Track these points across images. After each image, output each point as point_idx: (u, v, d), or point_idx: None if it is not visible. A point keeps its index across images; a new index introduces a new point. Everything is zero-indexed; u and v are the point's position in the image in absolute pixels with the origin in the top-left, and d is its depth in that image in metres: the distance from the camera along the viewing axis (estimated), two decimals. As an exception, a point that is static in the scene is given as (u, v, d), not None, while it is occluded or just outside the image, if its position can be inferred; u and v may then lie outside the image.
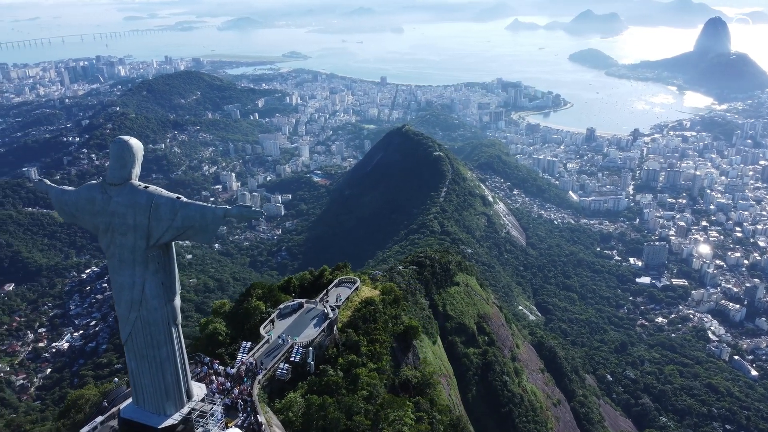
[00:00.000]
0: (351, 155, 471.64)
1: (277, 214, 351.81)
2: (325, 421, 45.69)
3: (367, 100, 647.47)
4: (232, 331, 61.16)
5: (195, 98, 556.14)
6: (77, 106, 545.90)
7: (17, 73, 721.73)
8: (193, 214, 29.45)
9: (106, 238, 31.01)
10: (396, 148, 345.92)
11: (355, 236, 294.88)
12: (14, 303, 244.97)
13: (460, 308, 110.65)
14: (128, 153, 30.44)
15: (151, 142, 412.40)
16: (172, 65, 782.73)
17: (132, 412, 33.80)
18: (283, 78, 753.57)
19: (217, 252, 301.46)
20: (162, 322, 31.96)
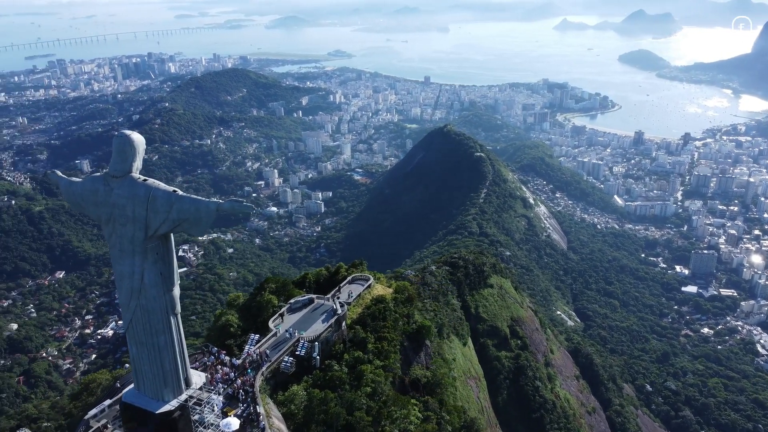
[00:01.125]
0: (392, 154, 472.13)
1: (317, 211, 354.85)
2: (326, 415, 46.14)
3: (410, 100, 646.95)
4: (244, 324, 62.40)
5: (241, 95, 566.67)
6: (128, 102, 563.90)
7: (73, 68, 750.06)
8: (188, 207, 30.47)
9: (108, 228, 32.20)
10: (437, 148, 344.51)
11: (393, 235, 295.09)
12: (64, 290, 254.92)
13: (493, 311, 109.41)
14: (129, 147, 31.72)
15: (198, 137, 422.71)
16: (220, 63, 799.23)
17: (133, 396, 34.96)
18: (327, 76, 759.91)
19: (258, 247, 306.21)
20: (160, 311, 32.89)
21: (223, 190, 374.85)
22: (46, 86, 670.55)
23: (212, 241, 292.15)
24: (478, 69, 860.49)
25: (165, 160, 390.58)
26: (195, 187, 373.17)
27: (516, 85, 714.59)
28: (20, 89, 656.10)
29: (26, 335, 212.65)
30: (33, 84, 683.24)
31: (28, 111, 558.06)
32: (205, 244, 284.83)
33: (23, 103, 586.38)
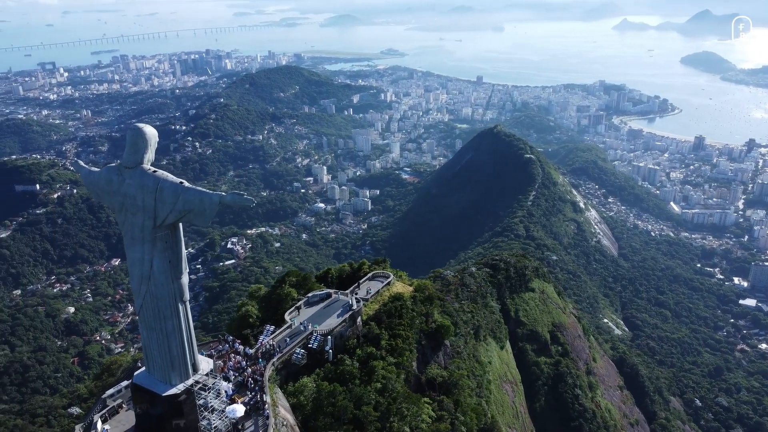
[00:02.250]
0: (441, 154, 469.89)
1: (364, 208, 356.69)
2: (334, 407, 46.74)
3: (461, 99, 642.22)
4: (263, 315, 63.68)
5: (293, 92, 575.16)
6: (186, 97, 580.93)
7: (135, 64, 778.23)
8: (193, 198, 31.77)
9: (121, 217, 33.72)
10: (486, 149, 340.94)
11: (439, 235, 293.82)
12: (119, 277, 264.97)
13: (534, 315, 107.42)
14: (141, 139, 33.02)
15: (250, 133, 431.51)
16: (274, 60, 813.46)
17: (143, 378, 36.44)
18: (379, 75, 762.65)
19: (304, 242, 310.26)
20: (168, 297, 34.27)
21: (272, 185, 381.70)
22: (110, 80, 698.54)
23: (260, 235, 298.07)
24: (532, 69, 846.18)
25: (218, 154, 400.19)
26: (246, 181, 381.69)
27: (571, 86, 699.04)
28: (86, 83, 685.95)
29: (82, 318, 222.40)
30: (97, 78, 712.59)
31: (92, 104, 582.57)
32: (253, 238, 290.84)
33: (88, 97, 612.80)
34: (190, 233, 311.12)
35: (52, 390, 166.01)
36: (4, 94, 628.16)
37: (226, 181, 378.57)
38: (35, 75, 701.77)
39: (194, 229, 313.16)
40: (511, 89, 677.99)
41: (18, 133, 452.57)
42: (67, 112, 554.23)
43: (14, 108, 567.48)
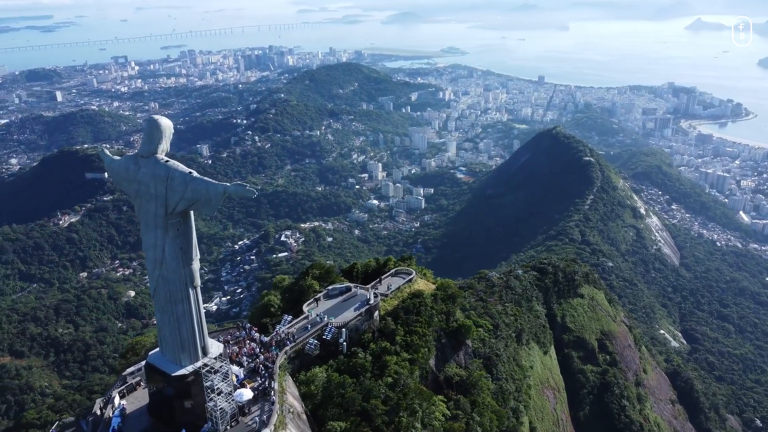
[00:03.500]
0: (498, 154, 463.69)
1: (418, 207, 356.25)
2: (343, 398, 47.54)
3: (521, 99, 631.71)
4: (284, 305, 65.02)
5: (352, 89, 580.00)
6: (248, 92, 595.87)
7: (202, 59, 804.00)
8: (200, 188, 33.38)
9: (137, 203, 35.66)
10: (544, 150, 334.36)
11: (491, 236, 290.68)
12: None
13: (582, 322, 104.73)
14: (156, 130, 34.82)
15: (308, 128, 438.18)
16: (335, 57, 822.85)
17: (156, 358, 38.43)
18: (438, 73, 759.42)
19: (356, 238, 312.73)
20: (179, 282, 36.01)
21: (328, 180, 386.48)
22: (177, 74, 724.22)
23: (313, 229, 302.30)
24: (596, 70, 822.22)
25: (276, 148, 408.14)
26: (302, 176, 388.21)
27: (637, 87, 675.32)
28: (155, 77, 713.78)
29: (141, 302, 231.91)
30: (166, 72, 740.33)
31: (159, 97, 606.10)
32: (307, 232, 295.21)
33: (156, 90, 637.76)
34: (247, 225, 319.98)
35: (110, 369, 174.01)
36: (80, 85, 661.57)
37: (282, 175, 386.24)
38: (108, 68, 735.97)
39: (251, 221, 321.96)
40: (573, 90, 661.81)
41: (90, 123, 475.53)
42: (136, 104, 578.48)
43: (88, 99, 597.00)
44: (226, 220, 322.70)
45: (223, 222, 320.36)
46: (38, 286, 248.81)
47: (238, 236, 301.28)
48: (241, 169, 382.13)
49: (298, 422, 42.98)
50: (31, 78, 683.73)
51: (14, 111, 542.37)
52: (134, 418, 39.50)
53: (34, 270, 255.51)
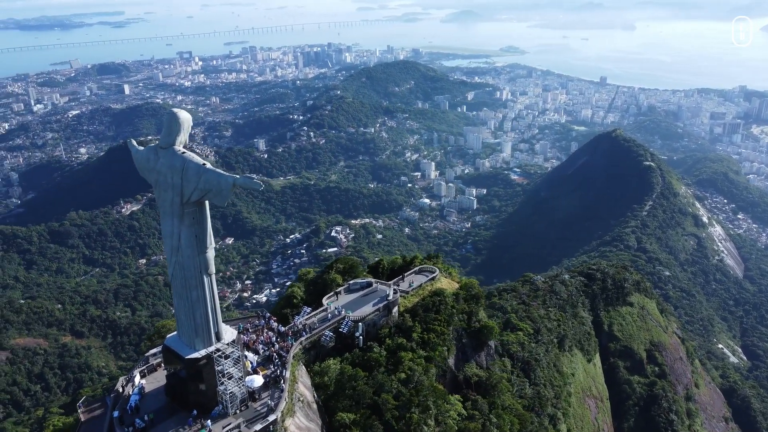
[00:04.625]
0: (554, 156, 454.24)
1: (469, 207, 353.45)
2: (354, 391, 48.18)
3: (581, 100, 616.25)
4: (307, 297, 65.98)
5: (408, 87, 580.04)
6: (305, 88, 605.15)
7: (262, 55, 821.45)
8: (212, 179, 34.65)
9: (156, 192, 37.35)
10: (602, 153, 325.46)
11: (543, 239, 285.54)
12: (230, 255, 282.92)
13: (630, 331, 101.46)
14: (175, 123, 36.33)
15: (363, 125, 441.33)
16: (392, 54, 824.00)
17: (173, 341, 40.19)
18: (496, 72, 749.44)
19: (406, 236, 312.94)
20: (194, 269, 37.53)
21: (380, 177, 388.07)
22: (238, 70, 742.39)
23: (363, 226, 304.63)
24: (662, 71, 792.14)
25: (330, 144, 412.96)
26: (354, 172, 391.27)
27: (705, 90, 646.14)
28: (217, 72, 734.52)
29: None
30: (227, 68, 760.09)
31: (220, 92, 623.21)
32: (357, 228, 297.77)
33: (217, 85, 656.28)
34: (299, 219, 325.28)
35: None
36: (146, 79, 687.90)
37: (335, 171, 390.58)
38: (174, 63, 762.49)
39: (303, 216, 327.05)
40: (637, 92, 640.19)
41: (155, 116, 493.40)
42: (199, 99, 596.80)
43: (153, 93, 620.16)
44: (279, 213, 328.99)
45: (276, 215, 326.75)
46: (100, 270, 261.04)
47: (290, 230, 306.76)
48: (296, 164, 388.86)
49: (307, 411, 43.88)
50: (102, 71, 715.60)
51: (85, 103, 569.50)
52: (152, 397, 41.48)
53: (97, 255, 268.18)
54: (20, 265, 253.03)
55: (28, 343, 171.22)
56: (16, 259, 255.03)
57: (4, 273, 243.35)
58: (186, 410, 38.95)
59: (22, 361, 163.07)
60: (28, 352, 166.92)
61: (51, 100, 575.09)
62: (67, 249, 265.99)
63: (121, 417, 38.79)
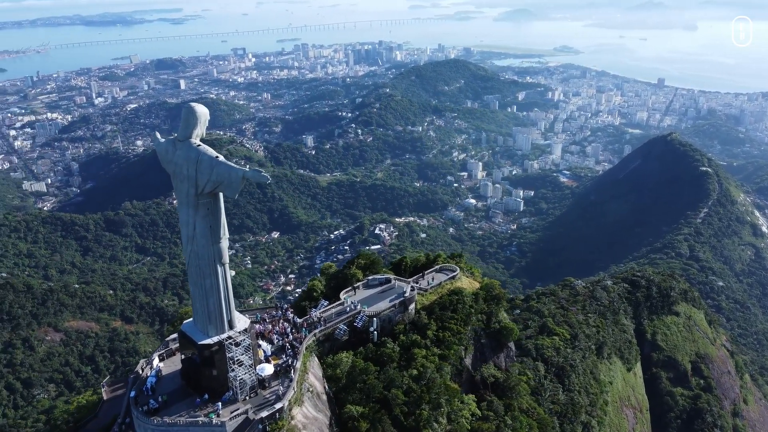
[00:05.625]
0: (606, 159, 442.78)
1: (516, 208, 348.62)
2: (364, 384, 48.64)
3: (636, 102, 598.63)
4: (327, 291, 66.44)
5: (458, 86, 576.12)
6: (355, 85, 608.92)
7: (314, 52, 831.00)
8: (223, 171, 35.98)
9: (174, 183, 38.70)
10: (656, 157, 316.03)
11: (591, 244, 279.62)
12: (276, 249, 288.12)
13: (675, 341, 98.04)
14: (192, 117, 37.86)
15: (410, 123, 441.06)
16: (443, 53, 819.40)
17: (188, 327, 41.97)
18: (549, 72, 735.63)
19: (450, 236, 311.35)
20: (208, 258, 39.01)
21: (426, 176, 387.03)
22: (290, 67, 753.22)
23: (408, 224, 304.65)
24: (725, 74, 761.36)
25: (378, 142, 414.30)
26: (401, 170, 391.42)
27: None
28: (269, 68, 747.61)
29: (240, 282, 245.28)
30: (279, 65, 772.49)
31: (272, 88, 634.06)
32: (401, 226, 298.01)
33: (269, 81, 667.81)
34: (344, 215, 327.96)
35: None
36: (201, 75, 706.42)
37: (382, 168, 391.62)
38: (228, 59, 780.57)
39: (348, 212, 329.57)
40: (696, 94, 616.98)
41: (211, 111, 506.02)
42: (251, 95, 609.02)
43: (208, 88, 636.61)
44: (324, 209, 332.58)
45: (322, 211, 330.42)
46: (151, 259, 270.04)
47: (334, 226, 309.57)
48: (342, 161, 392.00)
49: (316, 401, 44.54)
50: (160, 67, 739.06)
51: (143, 96, 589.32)
52: (168, 380, 43.17)
53: (149, 244, 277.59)
54: (77, 252, 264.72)
55: (81, 326, 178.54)
56: (73, 246, 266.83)
57: (62, 258, 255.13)
58: (199, 394, 40.40)
59: (74, 343, 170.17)
60: (80, 335, 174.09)
61: (111, 94, 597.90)
62: (121, 237, 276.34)
63: (137, 397, 40.64)
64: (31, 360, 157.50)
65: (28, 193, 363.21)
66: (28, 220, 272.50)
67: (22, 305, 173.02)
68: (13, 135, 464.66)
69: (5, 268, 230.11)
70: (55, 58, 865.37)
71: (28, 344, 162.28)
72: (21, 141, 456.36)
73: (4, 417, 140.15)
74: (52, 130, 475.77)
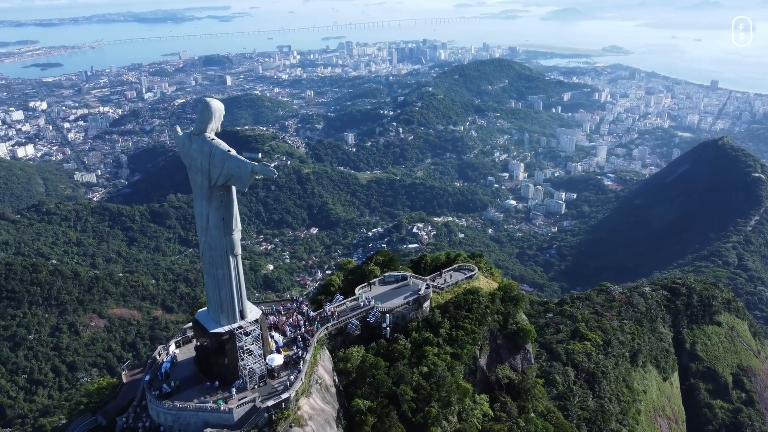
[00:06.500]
0: (654, 163, 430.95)
1: (557, 211, 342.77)
2: (374, 379, 49.04)
3: (688, 105, 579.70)
4: (345, 286, 66.99)
5: (502, 86, 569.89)
6: (398, 84, 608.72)
7: (358, 50, 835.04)
8: (234, 165, 37.17)
9: (190, 175, 40.00)
10: (706, 162, 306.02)
11: (634, 250, 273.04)
12: (314, 245, 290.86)
13: (715, 352, 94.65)
14: (207, 111, 39.08)
15: (452, 123, 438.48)
16: (488, 52, 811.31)
17: (202, 316, 43.42)
18: (596, 73, 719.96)
19: (489, 237, 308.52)
20: (221, 249, 40.28)
21: (466, 176, 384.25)
22: (333, 65, 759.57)
23: (446, 224, 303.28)
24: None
25: (418, 141, 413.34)
26: (441, 169, 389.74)
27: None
28: (313, 66, 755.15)
29: (277, 276, 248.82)
30: (324, 62, 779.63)
31: (315, 85, 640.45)
32: (439, 226, 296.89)
33: (313, 78, 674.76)
34: (383, 213, 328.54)
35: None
36: (247, 71, 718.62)
37: (422, 167, 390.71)
38: (273, 56, 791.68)
39: (387, 210, 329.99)
40: (752, 98, 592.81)
41: (252, 107, 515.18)
42: (294, 91, 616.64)
43: (253, 84, 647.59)
44: (363, 207, 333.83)
45: (361, 209, 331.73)
46: (193, 251, 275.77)
47: (373, 223, 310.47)
48: (383, 159, 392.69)
49: (324, 394, 45.14)
50: (207, 63, 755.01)
51: (190, 92, 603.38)
52: (183, 366, 44.55)
53: (191, 236, 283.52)
54: (123, 241, 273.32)
55: (124, 313, 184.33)
56: (120, 236, 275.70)
57: (109, 248, 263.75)
58: (211, 381, 41.62)
59: (117, 330, 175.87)
60: (123, 322, 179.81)
61: (160, 89, 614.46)
62: (165, 229, 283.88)
63: (151, 381, 42.09)
64: (76, 344, 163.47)
65: (80, 184, 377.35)
66: (78, 210, 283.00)
67: (69, 291, 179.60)
68: (67, 127, 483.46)
69: (55, 255, 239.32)
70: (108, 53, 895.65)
71: (73, 329, 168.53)
72: (74, 133, 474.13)
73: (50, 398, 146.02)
74: (103, 123, 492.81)
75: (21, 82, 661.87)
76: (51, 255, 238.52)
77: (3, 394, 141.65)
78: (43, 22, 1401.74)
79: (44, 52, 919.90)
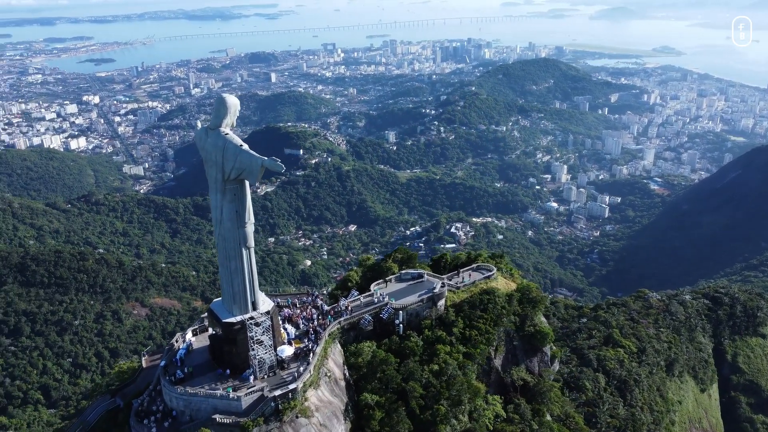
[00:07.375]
0: (704, 168, 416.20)
1: (600, 215, 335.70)
2: (383, 375, 49.41)
3: (742, 109, 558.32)
4: (362, 282, 67.09)
5: (546, 86, 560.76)
6: (441, 83, 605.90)
7: (401, 49, 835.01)
8: (246, 159, 38.49)
9: (206, 168, 41.30)
10: (758, 168, 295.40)
11: (680, 257, 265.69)
12: (352, 242, 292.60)
13: (758, 365, 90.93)
14: (223, 107, 40.14)
15: (494, 123, 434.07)
16: (533, 51, 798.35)
17: (216, 305, 44.78)
18: (645, 74, 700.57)
19: (528, 239, 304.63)
20: (233, 241, 41.60)
21: (507, 177, 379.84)
22: (377, 63, 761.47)
23: (485, 224, 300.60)
24: None
25: (460, 140, 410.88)
26: (481, 170, 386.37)
27: None
28: (356, 64, 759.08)
29: (314, 272, 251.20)
30: (367, 60, 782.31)
31: (358, 83, 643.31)
32: (477, 226, 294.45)
33: (356, 76, 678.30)
34: (421, 212, 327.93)
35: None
36: (291, 69, 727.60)
37: (462, 167, 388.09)
38: (318, 54, 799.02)
39: (425, 209, 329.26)
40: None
41: (296, 104, 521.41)
42: (337, 89, 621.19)
43: (297, 82, 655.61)
44: (402, 205, 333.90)
45: (399, 207, 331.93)
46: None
47: (411, 222, 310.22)
48: (423, 158, 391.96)
49: (333, 387, 45.70)
50: (253, 60, 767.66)
51: (236, 88, 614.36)
52: (197, 353, 45.97)
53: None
54: (167, 233, 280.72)
55: (165, 303, 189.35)
56: (163, 227, 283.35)
57: (153, 239, 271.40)
58: (223, 369, 42.83)
59: (158, 319, 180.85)
60: (163, 311, 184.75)
61: (207, 85, 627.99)
62: (207, 222, 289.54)
63: (166, 367, 43.63)
64: (118, 331, 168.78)
65: (128, 176, 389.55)
66: (125, 201, 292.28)
67: (113, 280, 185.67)
68: (118, 121, 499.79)
69: (102, 245, 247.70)
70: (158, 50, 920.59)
71: (117, 316, 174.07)
72: (124, 127, 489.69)
73: (92, 382, 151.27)
74: (151, 118, 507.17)
75: (76, 76, 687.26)
76: (98, 244, 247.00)
77: (49, 376, 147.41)
78: (97, 18, 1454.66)
79: (98, 48, 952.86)
